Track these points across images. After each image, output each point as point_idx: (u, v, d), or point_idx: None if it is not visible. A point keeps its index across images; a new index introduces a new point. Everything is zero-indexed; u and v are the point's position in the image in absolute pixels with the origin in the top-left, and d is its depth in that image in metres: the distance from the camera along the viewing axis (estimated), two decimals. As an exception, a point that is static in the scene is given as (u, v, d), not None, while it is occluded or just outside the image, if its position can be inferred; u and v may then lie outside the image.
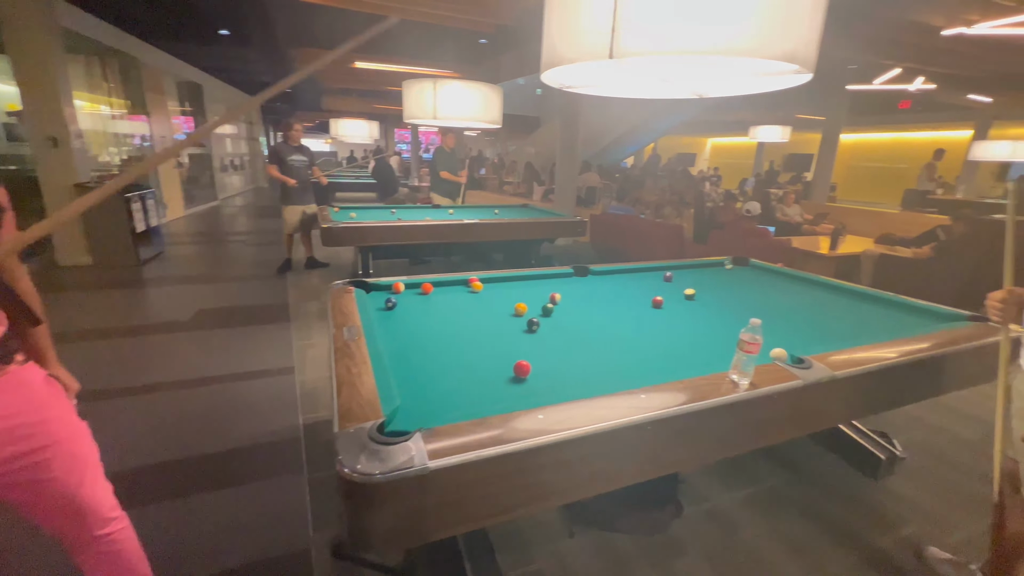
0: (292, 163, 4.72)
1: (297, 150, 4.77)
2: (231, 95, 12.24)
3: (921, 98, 9.90)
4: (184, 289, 4.53)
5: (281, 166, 4.72)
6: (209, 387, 2.72)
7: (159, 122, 7.70)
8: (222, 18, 6.32)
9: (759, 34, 1.26)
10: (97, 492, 1.16)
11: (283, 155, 4.71)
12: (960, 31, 4.91)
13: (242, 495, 1.92)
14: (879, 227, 6.64)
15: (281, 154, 4.72)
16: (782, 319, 2.00)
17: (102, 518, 1.16)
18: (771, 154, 16.60)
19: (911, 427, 2.55)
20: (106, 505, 1.18)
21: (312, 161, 4.93)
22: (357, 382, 1.21)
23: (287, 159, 4.71)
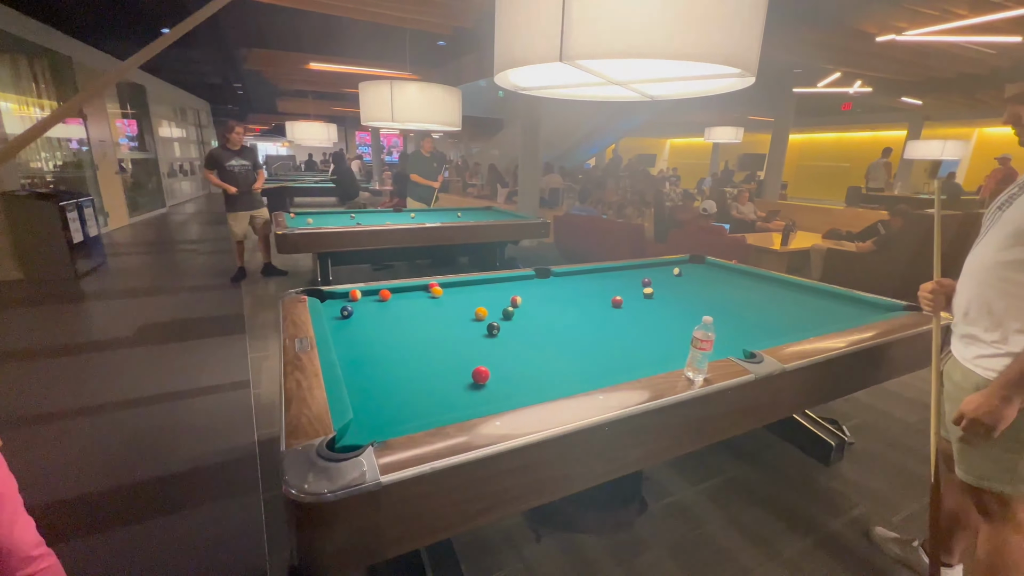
0: (231, 168, 4.49)
1: (237, 154, 4.55)
2: (178, 96, 11.68)
3: (860, 100, 10.51)
4: (128, 303, 4.27)
5: (220, 172, 4.48)
6: (156, 406, 2.57)
7: (98, 125, 7.25)
8: (164, 16, 6.00)
9: (702, 39, 1.30)
10: (16, 531, 1.07)
11: (221, 160, 4.47)
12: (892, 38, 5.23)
13: (194, 518, 1.81)
14: (826, 223, 6.99)
15: (219, 159, 4.48)
16: (736, 315, 2.06)
17: (25, 557, 1.07)
18: (726, 154, 17.24)
19: (859, 413, 2.68)
20: (28, 543, 1.09)
21: (257, 164, 4.71)
22: (307, 396, 1.16)
23: (225, 164, 4.47)
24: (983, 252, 1.23)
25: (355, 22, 5.75)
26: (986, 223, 1.24)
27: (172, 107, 11.41)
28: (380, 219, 4.82)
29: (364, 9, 4.99)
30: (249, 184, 4.60)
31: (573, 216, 6.16)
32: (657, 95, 1.99)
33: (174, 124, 11.58)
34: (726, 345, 1.55)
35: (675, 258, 3.11)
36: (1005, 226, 1.17)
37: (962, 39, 5.27)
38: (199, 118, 13.80)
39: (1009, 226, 1.15)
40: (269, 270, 5.11)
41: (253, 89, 11.92)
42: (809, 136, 15.89)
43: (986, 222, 1.25)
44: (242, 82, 10.88)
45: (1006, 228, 1.16)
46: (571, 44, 1.36)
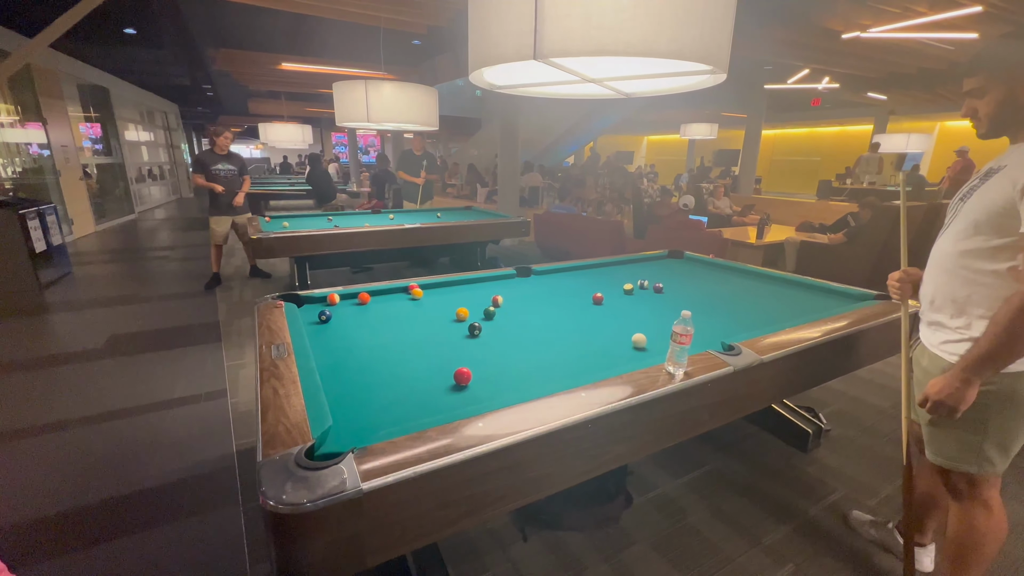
0: (218, 172, 4.50)
1: (225, 158, 4.56)
2: (144, 98, 11.32)
3: (829, 96, 10.80)
4: (95, 313, 4.12)
5: (207, 175, 4.49)
6: (129, 419, 2.48)
7: (58, 129, 6.97)
8: (127, 16, 5.80)
9: (674, 37, 1.31)
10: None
11: (208, 164, 4.49)
12: (856, 35, 5.39)
13: (172, 533, 1.76)
14: (799, 216, 7.17)
15: (206, 163, 4.50)
16: (714, 309, 2.09)
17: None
18: (702, 150, 17.55)
19: (834, 400, 2.76)
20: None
21: (243, 170, 4.71)
22: (284, 404, 1.14)
23: (211, 168, 4.49)
24: (946, 242, 1.27)
25: (327, 21, 5.66)
26: (950, 214, 1.29)
27: (138, 110, 11.05)
28: (358, 221, 4.75)
29: (336, 8, 4.91)
30: (233, 189, 4.58)
31: (553, 214, 6.19)
32: (631, 92, 2.01)
33: (141, 127, 11.22)
34: (705, 339, 1.57)
35: (654, 253, 3.14)
36: (966, 216, 1.21)
37: (923, 35, 5.46)
38: (168, 120, 13.40)
39: (970, 215, 1.20)
40: (254, 271, 5.11)
41: (223, 90, 11.63)
42: (781, 131, 16.28)
43: (950, 213, 1.29)
44: (211, 83, 10.60)
45: (967, 218, 1.20)
46: (545, 42, 1.36)
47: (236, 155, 4.67)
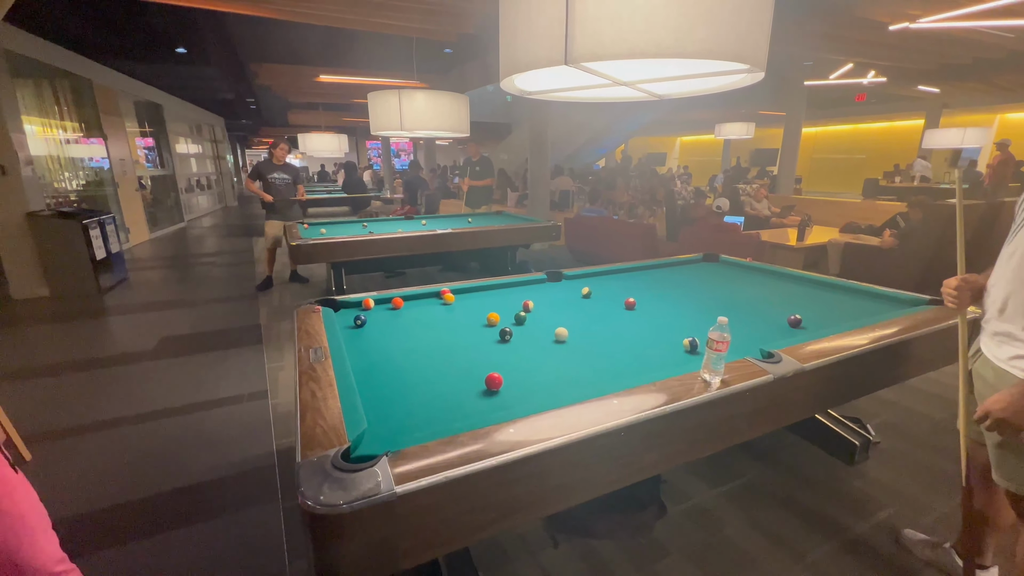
0: (272, 181, 4.85)
1: (280, 168, 4.89)
2: (193, 112, 11.95)
3: (875, 90, 10.30)
4: (149, 316, 4.36)
5: (262, 183, 4.85)
6: (177, 417, 2.61)
7: (117, 144, 7.45)
8: (179, 36, 6.16)
9: (708, 36, 1.28)
10: (38, 550, 1.10)
11: (264, 172, 4.85)
12: (905, 26, 5.12)
13: (215, 528, 1.84)
14: (843, 216, 6.86)
15: (262, 171, 4.86)
16: (752, 314, 2.03)
17: (48, 573, 1.12)
18: (738, 150, 17.06)
19: (883, 411, 2.61)
20: (51, 560, 1.13)
21: (297, 179, 5.04)
22: (322, 406, 1.17)
23: (267, 176, 4.84)
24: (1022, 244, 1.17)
25: (362, 33, 5.84)
26: (1021, 214, 1.19)
27: (188, 124, 11.68)
28: (392, 227, 4.86)
29: (370, 20, 5.06)
30: (287, 196, 4.91)
31: (584, 218, 6.15)
32: (664, 94, 1.98)
33: (190, 140, 11.85)
34: (743, 345, 1.52)
35: (687, 257, 3.07)
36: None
37: (979, 24, 5.13)
38: (214, 133, 14.10)
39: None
40: (294, 276, 5.37)
41: (265, 103, 12.16)
42: (823, 128, 15.64)
43: (1021, 213, 1.19)
44: (254, 96, 11.10)
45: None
46: (576, 47, 1.35)
47: (291, 165, 5.00)
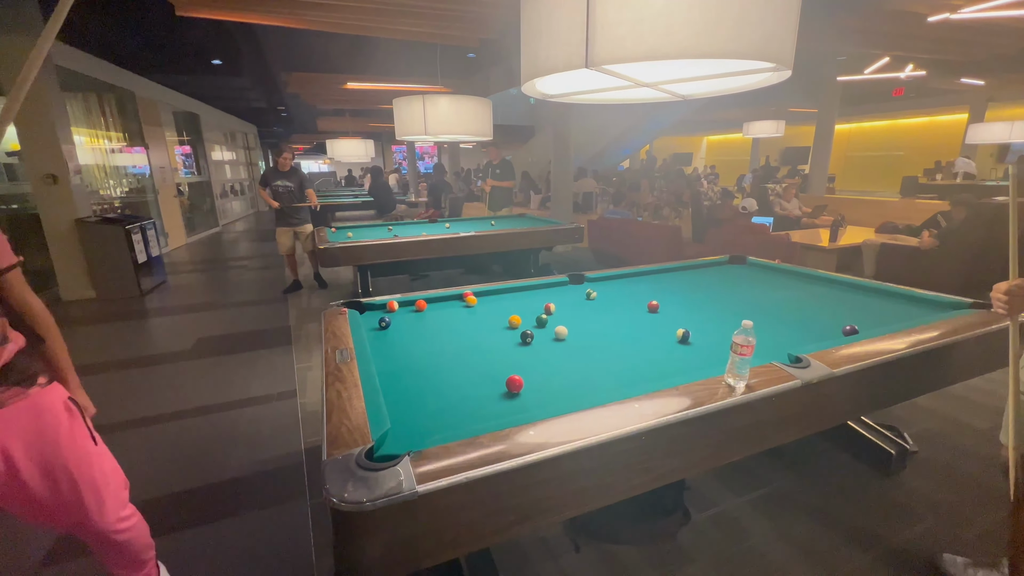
0: (276, 188, 4.89)
1: (284, 175, 4.91)
2: (227, 121, 12.40)
3: (914, 85, 9.89)
4: (186, 318, 4.55)
5: (271, 191, 4.92)
6: (209, 415, 2.72)
7: (157, 152, 7.80)
8: (214, 48, 6.42)
9: (732, 35, 1.26)
10: (105, 508, 1.26)
11: (269, 180, 4.92)
12: (945, 17, 4.90)
13: (244, 524, 1.90)
14: (879, 216, 6.60)
15: (268, 179, 4.93)
16: (780, 317, 1.98)
17: (111, 529, 1.28)
18: (767, 149, 16.62)
19: (922, 419, 2.50)
20: (115, 517, 1.29)
21: (302, 184, 5.01)
22: (347, 406, 1.20)
23: (271, 184, 4.89)
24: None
25: (387, 41, 5.95)
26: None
27: (223, 132, 12.13)
28: (416, 230, 4.93)
29: (395, 28, 5.15)
30: (290, 203, 4.93)
31: (607, 220, 6.10)
32: (688, 95, 1.96)
33: (225, 148, 12.31)
34: (770, 349, 1.49)
35: (713, 259, 3.01)
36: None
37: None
38: (247, 141, 14.60)
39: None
40: (318, 278, 5.43)
41: (295, 110, 12.51)
42: (857, 125, 15.08)
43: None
44: (285, 105, 11.44)
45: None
46: (596, 50, 1.35)
47: (295, 172, 4.98)
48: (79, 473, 1.20)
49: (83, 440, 1.24)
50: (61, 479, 1.17)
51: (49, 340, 1.23)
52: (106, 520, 1.27)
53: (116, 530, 1.30)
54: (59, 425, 1.17)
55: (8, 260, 1.13)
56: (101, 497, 1.26)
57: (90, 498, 1.23)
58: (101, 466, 1.28)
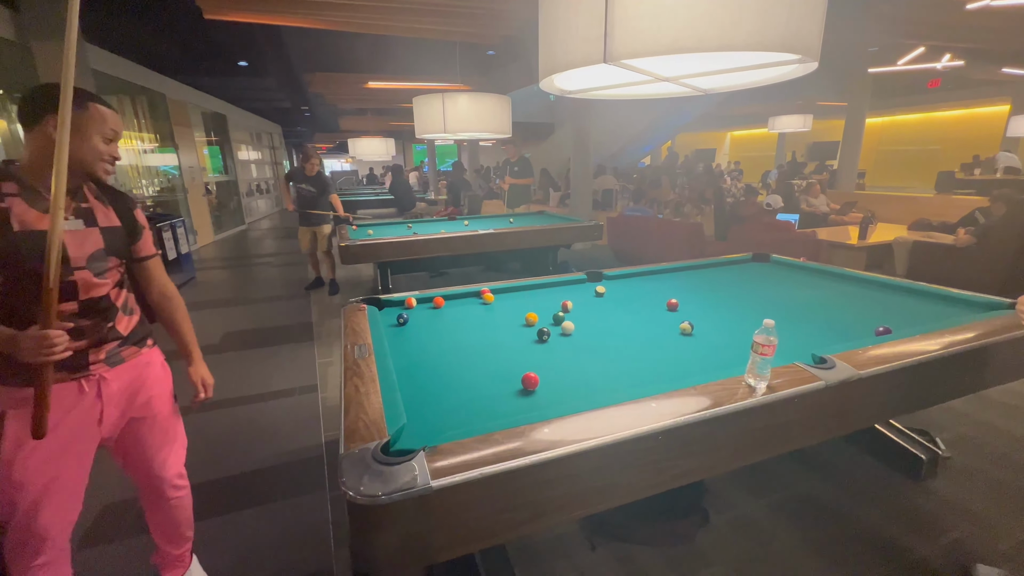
0: (299, 190, 4.96)
1: (309, 179, 4.93)
2: (253, 121, 12.70)
3: (950, 76, 9.48)
4: (213, 313, 4.68)
5: (294, 188, 5.01)
6: (234, 408, 2.79)
7: (187, 152, 8.04)
8: (241, 50, 6.58)
9: (755, 26, 1.23)
10: (170, 463, 1.43)
11: (294, 180, 5.00)
12: (985, 4, 4.68)
13: (266, 514, 1.95)
14: (912, 213, 6.36)
15: (294, 178, 5.01)
16: (805, 317, 1.92)
17: (170, 484, 1.43)
18: (793, 144, 16.18)
19: (956, 424, 2.41)
20: (175, 474, 1.45)
21: (325, 190, 5.00)
22: (364, 401, 1.22)
23: (296, 185, 4.98)
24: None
25: (407, 40, 6.00)
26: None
27: (249, 132, 12.43)
28: (435, 228, 4.97)
29: (415, 27, 5.19)
30: (311, 206, 4.97)
31: (627, 217, 6.03)
32: (710, 88, 1.92)
33: (251, 148, 12.61)
34: (793, 350, 1.45)
35: (736, 256, 2.95)
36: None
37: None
38: (272, 140, 14.92)
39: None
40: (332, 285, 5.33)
41: (318, 110, 12.74)
42: (890, 119, 14.54)
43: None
44: (308, 104, 11.66)
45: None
46: (615, 45, 1.34)
47: (320, 178, 4.99)
48: (163, 419, 1.41)
49: (170, 395, 1.46)
50: (152, 423, 1.38)
51: (179, 318, 1.48)
52: (168, 472, 1.42)
53: (174, 485, 1.45)
54: (159, 378, 1.42)
55: (151, 250, 1.41)
56: (171, 448, 1.44)
57: (165, 446, 1.41)
58: (176, 421, 1.48)
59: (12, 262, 1.08)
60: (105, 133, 1.18)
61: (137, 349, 1.36)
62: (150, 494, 1.45)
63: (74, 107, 1.07)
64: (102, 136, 1.18)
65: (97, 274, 1.21)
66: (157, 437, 1.39)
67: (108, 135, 1.19)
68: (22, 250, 1.08)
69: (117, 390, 1.28)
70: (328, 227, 5.12)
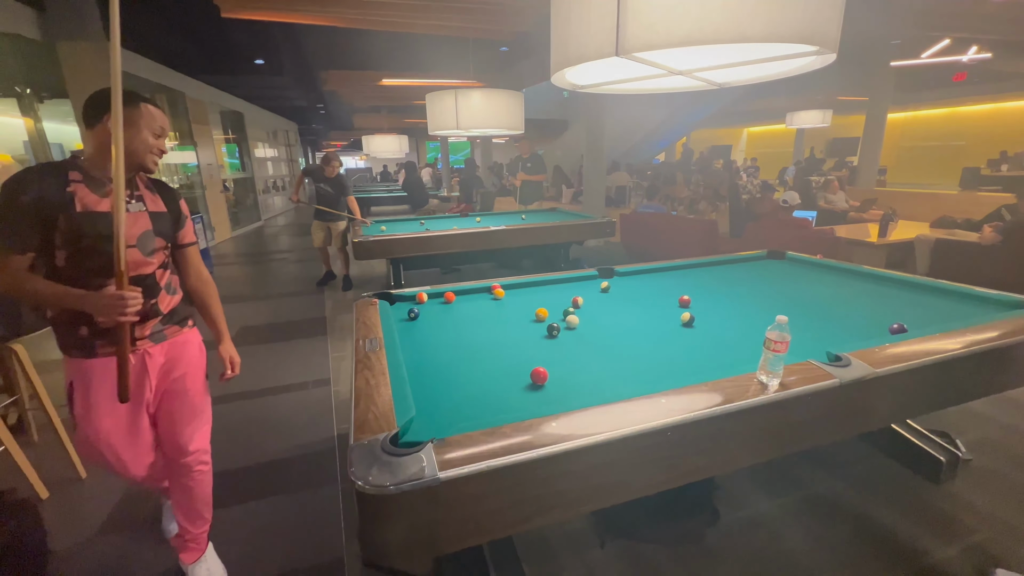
0: (318, 188, 5.01)
1: (328, 181, 4.98)
2: (270, 119, 12.86)
3: (977, 68, 9.20)
4: (230, 307, 4.76)
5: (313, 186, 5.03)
6: (248, 401, 2.84)
7: (205, 150, 8.18)
8: (257, 48, 6.67)
9: (770, 17, 1.21)
10: (196, 437, 1.54)
11: (313, 178, 5.03)
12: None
13: (279, 505, 1.98)
14: (935, 210, 6.19)
15: (313, 176, 5.03)
16: (820, 314, 1.89)
17: (194, 458, 1.53)
18: (812, 140, 15.87)
19: (977, 425, 2.34)
20: (200, 449, 1.55)
21: (343, 191, 5.04)
22: (374, 393, 1.23)
23: (315, 184, 5.01)
24: None
25: (421, 37, 6.02)
26: None
27: (265, 130, 12.59)
28: (447, 224, 4.99)
29: (429, 23, 5.20)
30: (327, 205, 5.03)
31: (640, 214, 5.99)
32: (725, 82, 1.89)
33: (267, 145, 12.78)
34: (807, 347, 1.43)
35: (750, 253, 2.91)
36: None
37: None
38: (288, 138, 15.10)
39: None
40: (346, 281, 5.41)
41: (333, 108, 12.87)
42: (912, 114, 14.16)
43: None
44: (323, 102, 11.78)
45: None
46: (627, 37, 1.32)
47: (339, 180, 5.04)
48: (195, 394, 1.53)
49: (203, 374, 1.59)
50: (184, 397, 1.50)
51: (212, 302, 1.63)
52: (194, 446, 1.53)
53: (198, 460, 1.54)
54: (194, 357, 1.56)
55: (191, 238, 1.57)
56: (198, 424, 1.55)
57: (192, 421, 1.52)
58: (206, 399, 1.60)
59: (75, 238, 1.26)
60: (154, 129, 1.35)
61: (178, 328, 1.51)
62: (175, 467, 1.54)
63: (127, 105, 1.24)
64: (151, 131, 1.34)
65: (145, 253, 1.39)
66: (187, 412, 1.51)
67: (156, 131, 1.36)
68: (84, 228, 1.27)
69: (159, 364, 1.46)
70: (343, 223, 5.18)
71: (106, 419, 1.37)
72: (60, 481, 2.12)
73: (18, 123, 5.18)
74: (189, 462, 1.52)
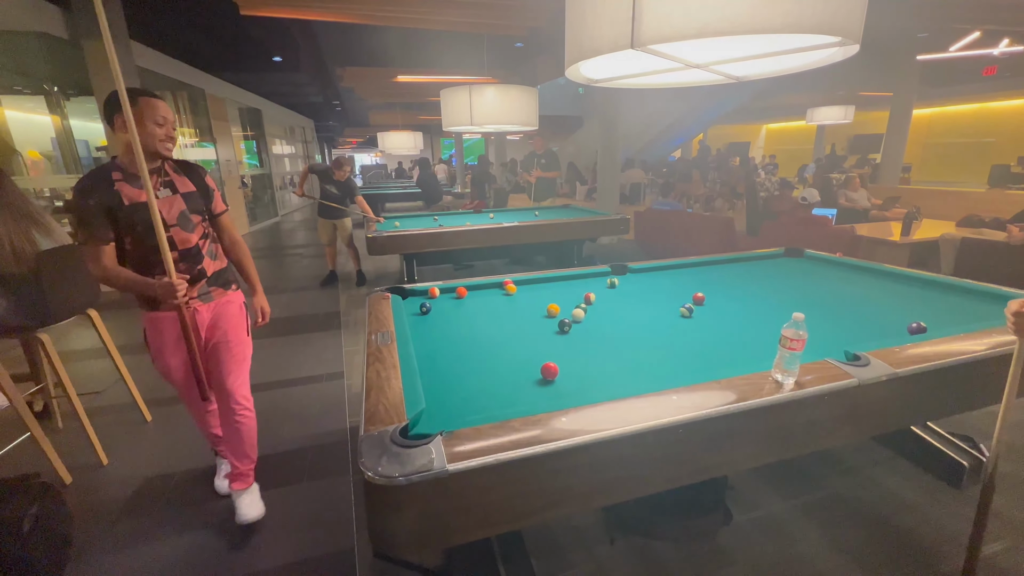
0: (324, 188, 5.03)
1: (336, 183, 5.01)
2: (287, 116, 13.02)
3: (1008, 62, 8.88)
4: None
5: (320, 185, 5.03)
6: (266, 392, 2.89)
7: (224, 146, 8.32)
8: (275, 45, 6.75)
9: (791, 7, 1.18)
10: (238, 384, 1.76)
11: (321, 179, 5.02)
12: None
13: (292, 494, 2.01)
14: (962, 208, 6.02)
15: (321, 177, 5.02)
16: (838, 313, 1.85)
17: (237, 402, 1.76)
18: (833, 137, 15.52)
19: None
20: (241, 394, 1.78)
21: (350, 194, 5.07)
22: (385, 386, 1.24)
23: (324, 185, 5.02)
24: None
25: (436, 33, 6.03)
26: None
27: (283, 126, 12.76)
28: (460, 220, 4.99)
29: (444, 19, 5.20)
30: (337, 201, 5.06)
31: (655, 211, 5.93)
32: (743, 76, 1.85)
33: (284, 142, 12.94)
34: (824, 345, 1.40)
35: (768, 251, 2.86)
36: None
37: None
38: (305, 135, 15.28)
39: None
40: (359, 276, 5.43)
41: (349, 104, 12.97)
42: (939, 109, 13.75)
43: None
44: (339, 99, 11.88)
45: None
46: (643, 29, 1.30)
47: (347, 183, 5.06)
48: (236, 345, 1.77)
49: (244, 329, 1.84)
50: (227, 347, 1.74)
51: (244, 259, 1.90)
52: (236, 390, 1.75)
53: (240, 404, 1.76)
54: (235, 314, 1.81)
55: (222, 207, 1.81)
56: (240, 369, 1.78)
57: (236, 367, 1.76)
58: (246, 350, 1.83)
59: (130, 225, 1.55)
60: (156, 119, 1.54)
61: (223, 291, 1.79)
62: (225, 411, 1.77)
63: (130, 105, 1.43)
64: (154, 121, 1.53)
65: (187, 230, 1.66)
66: (230, 361, 1.75)
67: (158, 120, 1.54)
68: (134, 217, 1.54)
69: (207, 319, 1.74)
70: (349, 220, 5.21)
71: (171, 358, 1.72)
72: (83, 467, 2.19)
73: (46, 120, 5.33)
74: (235, 405, 1.75)
